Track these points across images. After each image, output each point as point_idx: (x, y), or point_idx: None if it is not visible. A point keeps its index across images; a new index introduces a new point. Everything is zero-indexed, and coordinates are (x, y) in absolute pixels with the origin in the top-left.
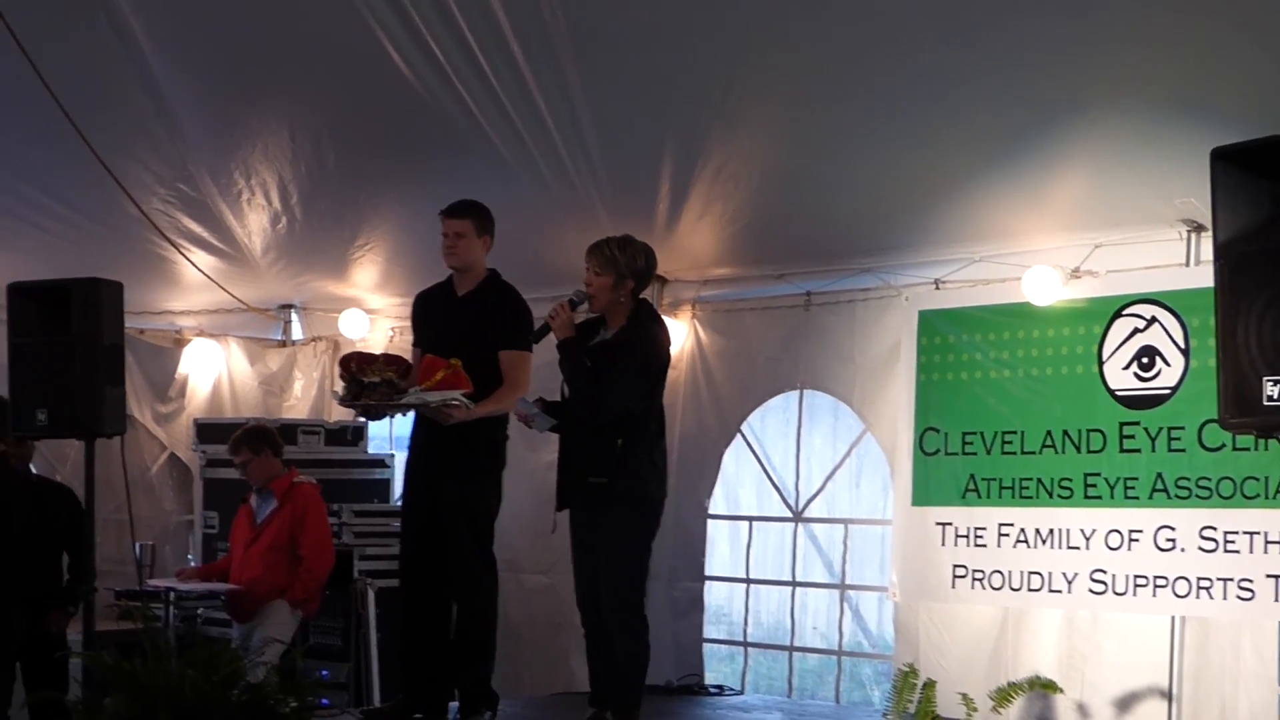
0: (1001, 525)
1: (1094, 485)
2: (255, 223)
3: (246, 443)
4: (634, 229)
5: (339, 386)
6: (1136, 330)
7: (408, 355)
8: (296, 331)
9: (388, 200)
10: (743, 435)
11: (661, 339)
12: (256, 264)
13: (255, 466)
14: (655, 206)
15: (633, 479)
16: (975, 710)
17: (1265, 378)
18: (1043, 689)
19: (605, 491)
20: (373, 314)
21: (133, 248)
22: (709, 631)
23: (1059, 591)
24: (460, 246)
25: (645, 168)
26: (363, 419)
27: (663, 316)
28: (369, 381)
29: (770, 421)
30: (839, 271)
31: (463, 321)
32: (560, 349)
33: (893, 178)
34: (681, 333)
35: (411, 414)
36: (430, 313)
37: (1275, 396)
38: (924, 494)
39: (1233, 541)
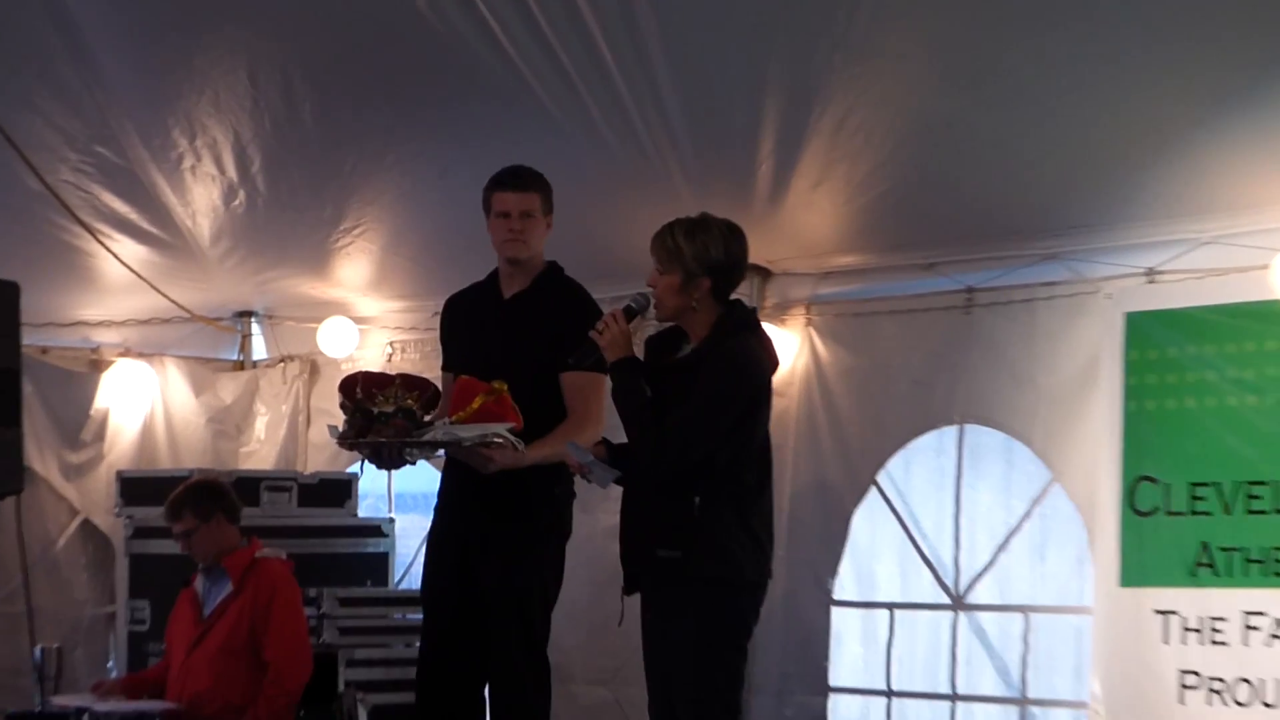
0: (1249, 615)
1: None
2: (202, 199)
3: (190, 504)
4: (725, 203)
5: (339, 421)
6: None
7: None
8: (259, 349)
9: (385, 168)
10: (879, 489)
11: (756, 355)
12: (204, 257)
13: (202, 537)
14: (754, 173)
15: (717, 552)
16: None
17: None
18: None
19: (679, 569)
20: (364, 324)
21: (32, 235)
22: None
23: None
24: (529, 231)
25: (740, 119)
26: (373, 465)
27: (763, 323)
28: (381, 412)
29: (918, 470)
30: (1013, 259)
31: (512, 331)
32: (612, 374)
33: (1089, 130)
34: (792, 346)
35: (438, 458)
36: (468, 323)
37: None
38: (1137, 570)
39: None
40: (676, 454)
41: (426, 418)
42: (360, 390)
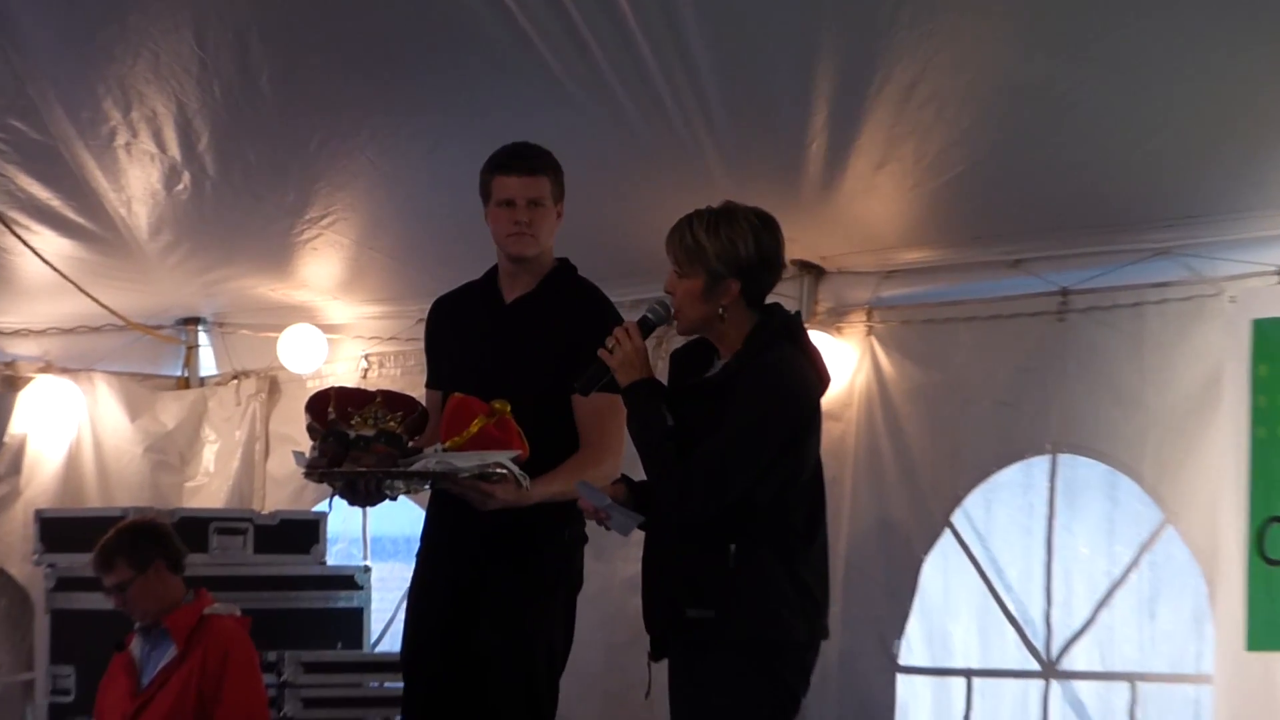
0: None
1: None
2: (139, 183)
3: (124, 551)
4: (768, 188)
5: (305, 447)
6: None
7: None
8: (207, 363)
9: (360, 144)
10: (954, 532)
11: (800, 371)
12: (141, 252)
13: (139, 590)
14: (804, 150)
15: (758, 610)
16: None
17: None
18: None
19: (713, 632)
20: (334, 333)
21: None
22: None
23: None
24: (538, 223)
25: (786, 86)
26: (345, 501)
27: (812, 332)
28: (359, 436)
29: (1001, 508)
30: (1117, 255)
31: (515, 342)
32: (625, 399)
33: (1212, 104)
34: (850, 359)
35: (424, 492)
36: (460, 331)
37: None
38: (1267, 631)
39: None
40: (706, 494)
41: (411, 443)
42: (333, 410)
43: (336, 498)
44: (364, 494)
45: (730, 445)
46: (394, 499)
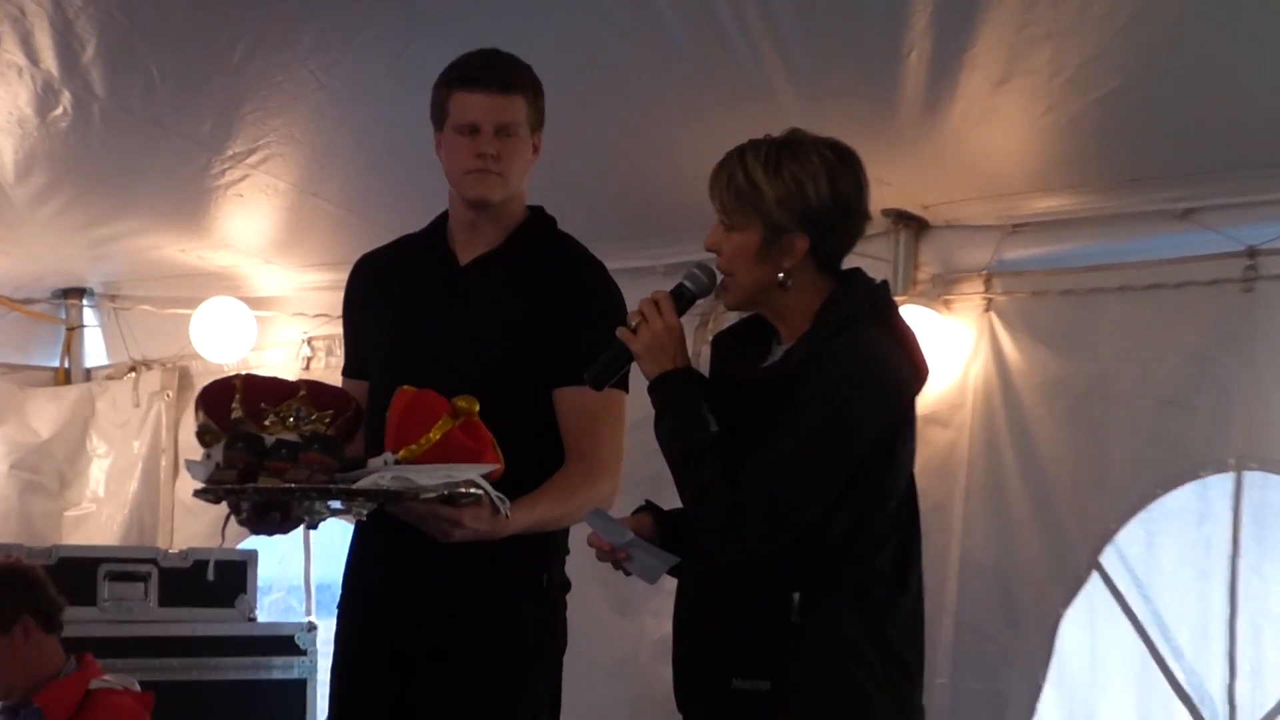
0: None
1: None
2: (1, 109)
3: None
4: (851, 114)
5: (199, 453)
6: None
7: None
8: (95, 350)
9: (300, 56)
10: (1104, 576)
11: (891, 361)
12: (4, 198)
13: (3, 656)
14: (898, 63)
15: (829, 679)
16: None
17: None
18: None
19: (767, 709)
20: (265, 308)
21: None
22: None
23: None
24: (509, 157)
25: None
26: (249, 530)
27: (905, 309)
28: (280, 442)
29: (1167, 544)
30: None
31: (475, 317)
32: (654, 396)
33: None
34: (961, 344)
35: (355, 517)
36: (395, 301)
37: None
38: None
39: None
40: (764, 525)
41: (350, 450)
42: (239, 405)
43: (249, 528)
44: (275, 519)
45: (796, 459)
46: (312, 527)
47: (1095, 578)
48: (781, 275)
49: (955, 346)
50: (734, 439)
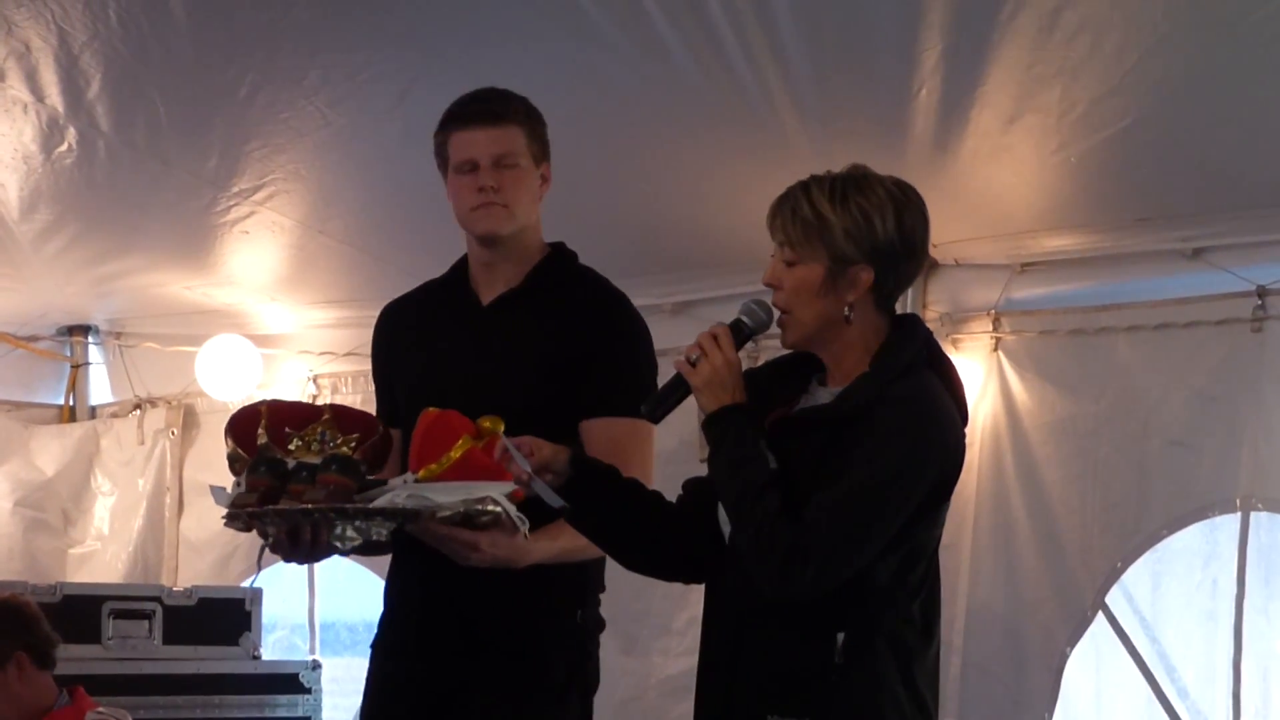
0: None
1: None
2: (6, 143)
3: None
4: (862, 152)
5: (229, 483)
6: None
7: None
8: (99, 387)
9: (306, 92)
10: (1109, 617)
11: (948, 411)
12: (9, 236)
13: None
14: (909, 100)
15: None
16: None
17: None
18: None
19: None
20: (270, 346)
21: None
22: None
23: None
24: (511, 188)
25: (886, 13)
26: (280, 557)
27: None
28: (302, 465)
29: (1173, 585)
30: None
31: (497, 356)
32: (709, 431)
33: None
34: (970, 383)
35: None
36: (422, 346)
37: None
38: None
39: None
40: (823, 567)
41: (375, 473)
42: (264, 430)
43: (264, 552)
44: (307, 543)
45: (862, 501)
46: (345, 552)
47: (1101, 618)
48: (847, 310)
49: (969, 385)
50: (789, 477)
